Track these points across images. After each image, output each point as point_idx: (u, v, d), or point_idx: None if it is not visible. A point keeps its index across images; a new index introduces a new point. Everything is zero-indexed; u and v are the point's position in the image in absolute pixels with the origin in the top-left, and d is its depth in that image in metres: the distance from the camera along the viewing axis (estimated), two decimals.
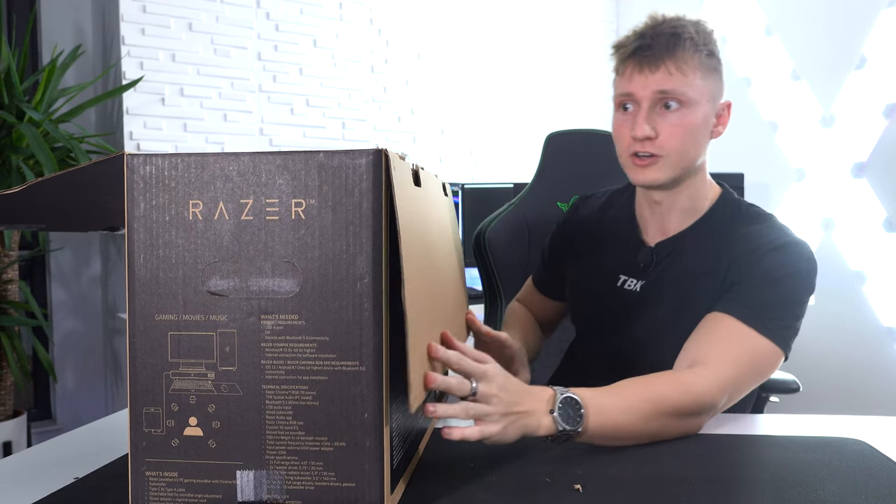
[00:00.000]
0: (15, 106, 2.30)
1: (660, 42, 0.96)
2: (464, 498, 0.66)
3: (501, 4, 3.59)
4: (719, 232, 1.04)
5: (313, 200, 0.58)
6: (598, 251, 1.16)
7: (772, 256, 0.96)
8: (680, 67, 0.95)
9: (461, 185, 2.89)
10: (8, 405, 2.37)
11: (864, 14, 2.88)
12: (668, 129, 0.96)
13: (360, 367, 0.59)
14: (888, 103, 2.79)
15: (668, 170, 0.99)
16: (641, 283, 1.07)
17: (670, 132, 0.96)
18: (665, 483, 0.70)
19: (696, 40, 0.96)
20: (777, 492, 0.68)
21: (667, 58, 0.95)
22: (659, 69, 0.96)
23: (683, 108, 0.96)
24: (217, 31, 2.82)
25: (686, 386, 0.86)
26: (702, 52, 0.97)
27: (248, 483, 0.60)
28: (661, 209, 1.07)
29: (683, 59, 0.95)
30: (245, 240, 0.59)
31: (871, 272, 2.87)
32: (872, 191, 2.86)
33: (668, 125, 0.97)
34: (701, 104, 0.97)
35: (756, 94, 3.34)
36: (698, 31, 0.97)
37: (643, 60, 0.97)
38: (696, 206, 1.06)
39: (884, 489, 0.68)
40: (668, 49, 0.95)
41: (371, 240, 0.58)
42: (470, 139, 3.50)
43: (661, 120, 0.97)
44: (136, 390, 0.61)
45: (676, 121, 0.96)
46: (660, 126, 0.97)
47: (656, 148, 0.97)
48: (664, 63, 0.95)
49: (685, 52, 0.95)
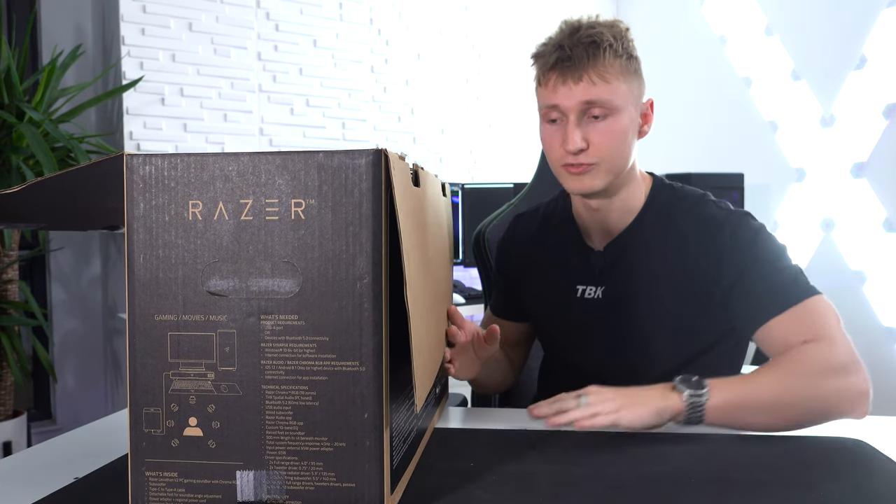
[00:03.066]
0: (15, 106, 2.30)
1: (579, 52, 0.96)
2: (464, 498, 0.66)
3: (501, 4, 3.59)
4: (662, 222, 1.05)
5: (313, 200, 0.58)
6: (548, 265, 1.15)
7: (739, 242, 1.00)
8: (602, 76, 0.96)
9: (461, 185, 2.89)
10: (8, 405, 2.37)
11: (864, 14, 2.88)
12: (599, 138, 0.98)
13: (360, 368, 0.58)
14: (888, 103, 2.79)
15: (602, 176, 1.00)
16: (601, 288, 1.08)
17: (601, 140, 0.98)
18: (665, 483, 0.70)
19: (615, 46, 0.97)
20: (777, 492, 0.68)
21: (589, 68, 0.96)
22: (582, 80, 0.96)
23: (611, 115, 0.97)
24: (217, 31, 2.82)
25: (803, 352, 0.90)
26: (622, 56, 0.98)
27: (248, 483, 0.60)
28: (601, 213, 1.07)
29: (605, 67, 0.96)
30: (245, 240, 0.59)
31: (871, 272, 2.87)
32: (872, 191, 2.86)
33: (597, 134, 0.98)
34: (626, 109, 0.99)
35: (756, 94, 3.34)
36: (615, 36, 0.98)
37: (565, 72, 0.97)
38: (633, 203, 1.07)
39: (884, 489, 0.68)
40: (588, 59, 0.96)
41: (371, 240, 0.58)
42: (470, 139, 3.50)
43: (591, 129, 0.98)
44: (136, 390, 0.61)
45: (605, 128, 0.98)
46: (590, 135, 0.98)
47: (589, 157, 0.98)
48: (586, 73, 0.96)
49: (606, 61, 0.96)
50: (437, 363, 0.77)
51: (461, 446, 0.82)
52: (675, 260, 1.02)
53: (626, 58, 0.99)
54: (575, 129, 0.97)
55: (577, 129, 0.97)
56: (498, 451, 0.79)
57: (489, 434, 0.87)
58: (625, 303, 1.05)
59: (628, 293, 1.05)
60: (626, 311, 1.05)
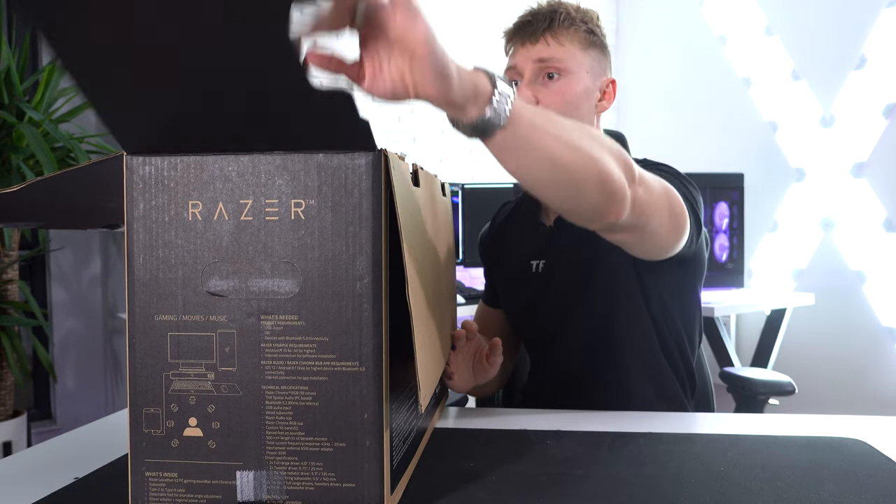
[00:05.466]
0: (15, 106, 2.30)
1: (538, 18, 1.03)
2: (464, 498, 0.66)
3: (501, 4, 3.59)
4: None
5: (313, 201, 0.58)
6: (513, 246, 1.19)
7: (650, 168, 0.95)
8: (557, 38, 1.02)
9: (461, 185, 2.89)
10: (8, 405, 2.37)
11: (864, 14, 2.88)
12: (549, 98, 1.01)
13: (360, 368, 0.59)
14: (888, 103, 2.79)
15: None
16: (544, 261, 1.12)
17: (550, 99, 1.01)
18: (665, 483, 0.70)
19: (574, 17, 1.03)
20: (777, 492, 0.68)
21: (545, 30, 1.02)
22: (538, 41, 1.02)
23: (563, 77, 1.01)
24: None
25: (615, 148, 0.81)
26: (580, 27, 1.03)
27: (248, 483, 0.60)
28: None
29: (561, 31, 1.02)
30: (244, 240, 0.59)
31: (871, 272, 2.87)
32: (872, 191, 2.86)
33: (548, 93, 1.01)
34: (580, 75, 1.02)
35: (756, 94, 3.34)
36: (577, 11, 1.04)
37: (524, 35, 1.03)
38: None
39: (884, 489, 0.68)
40: (545, 22, 1.02)
41: (371, 240, 0.58)
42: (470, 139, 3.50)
43: (543, 89, 1.02)
44: (136, 390, 0.61)
45: (556, 88, 1.01)
46: (540, 94, 1.01)
47: None
48: (543, 36, 1.02)
49: (562, 26, 1.02)
50: (441, 363, 0.77)
51: (461, 446, 0.82)
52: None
53: (586, 31, 1.03)
54: (526, 87, 1.02)
55: (527, 87, 1.02)
56: (498, 451, 0.79)
57: (489, 434, 0.87)
58: (557, 271, 1.09)
59: (561, 262, 1.09)
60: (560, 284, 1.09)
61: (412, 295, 0.59)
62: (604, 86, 1.07)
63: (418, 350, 0.59)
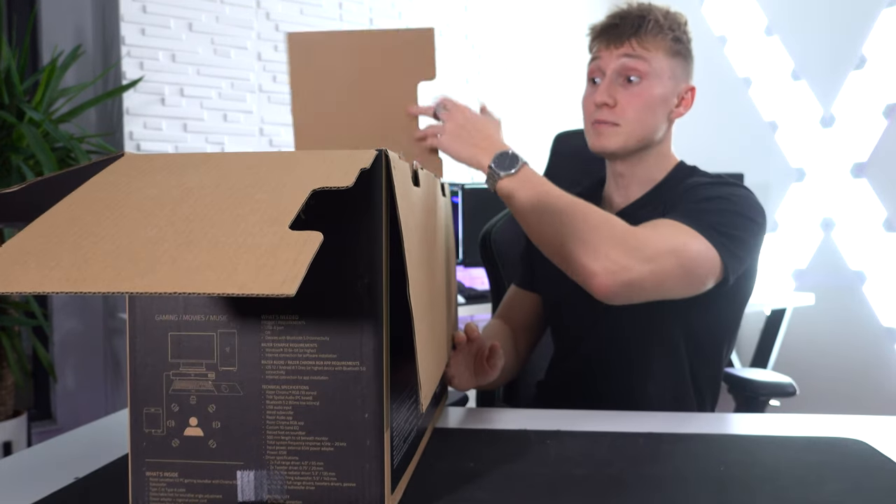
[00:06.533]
0: (15, 106, 2.30)
1: (627, 22, 1.04)
2: (464, 498, 0.66)
3: (501, 4, 3.59)
4: (671, 193, 1.07)
5: (313, 200, 0.58)
6: None
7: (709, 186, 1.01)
8: (643, 44, 1.02)
9: (461, 186, 2.89)
10: (8, 405, 2.37)
11: (864, 14, 2.88)
12: (627, 99, 1.03)
13: (361, 367, 0.59)
14: (888, 103, 2.79)
15: (622, 137, 1.04)
16: None
17: (628, 101, 1.03)
18: (665, 483, 0.70)
19: (662, 24, 1.03)
20: (777, 492, 0.68)
21: (632, 35, 1.03)
22: (623, 45, 1.03)
23: (644, 81, 1.03)
24: (217, 31, 2.82)
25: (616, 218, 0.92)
26: (667, 35, 1.03)
27: (249, 483, 0.60)
28: (624, 181, 1.11)
29: (647, 37, 1.03)
30: None
31: (871, 272, 2.87)
32: (872, 191, 2.86)
33: (627, 95, 1.03)
34: (661, 80, 1.03)
35: (756, 94, 3.34)
36: (666, 17, 1.04)
37: (610, 38, 1.05)
38: (654, 176, 1.10)
39: (884, 489, 0.68)
40: (633, 28, 1.03)
41: (371, 240, 0.58)
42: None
43: (623, 90, 1.03)
44: (136, 390, 0.61)
45: (635, 92, 1.03)
46: (619, 95, 1.03)
47: (614, 116, 1.03)
48: (629, 40, 1.03)
49: (649, 33, 1.03)
50: (441, 363, 0.77)
51: (461, 446, 0.82)
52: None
53: (673, 38, 1.04)
54: (607, 86, 1.04)
55: (608, 87, 1.04)
56: (498, 451, 0.79)
57: (489, 434, 0.87)
58: None
59: None
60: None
61: (413, 295, 0.59)
62: (683, 92, 1.07)
63: (419, 350, 0.59)
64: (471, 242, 2.81)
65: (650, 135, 1.05)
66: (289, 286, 0.39)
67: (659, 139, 1.07)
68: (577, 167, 1.48)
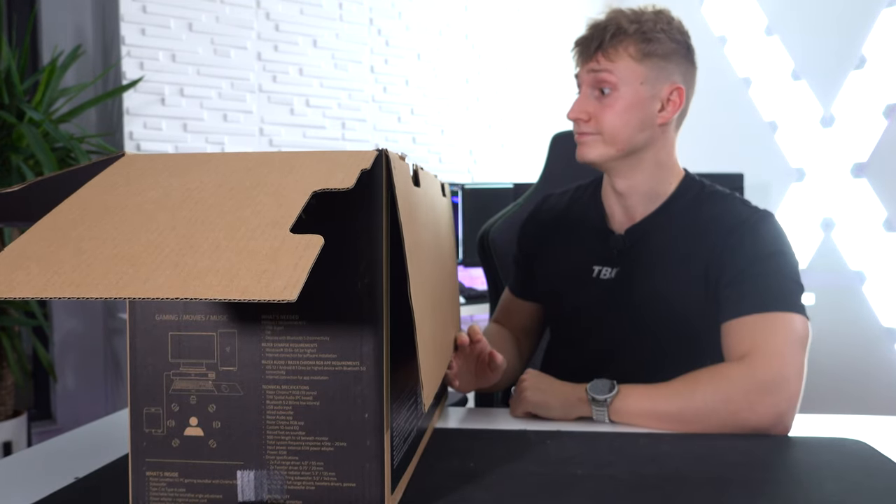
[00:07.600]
0: (15, 106, 2.30)
1: (594, 34, 1.05)
2: (464, 498, 0.66)
3: (501, 4, 3.59)
4: (687, 214, 1.07)
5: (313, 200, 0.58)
6: (567, 244, 1.17)
7: (751, 239, 1.01)
8: (607, 55, 1.04)
9: (461, 186, 2.89)
10: (8, 405, 2.37)
11: (864, 14, 2.88)
12: (600, 110, 1.04)
13: (361, 367, 0.59)
14: (888, 103, 2.79)
15: (601, 147, 1.05)
16: (616, 269, 1.09)
17: (601, 112, 1.04)
18: (665, 483, 0.70)
19: (626, 28, 1.03)
20: (777, 492, 0.68)
21: (597, 48, 1.04)
22: (591, 60, 1.05)
23: (615, 91, 1.04)
24: (217, 31, 2.82)
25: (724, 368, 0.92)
26: (634, 38, 1.03)
27: (249, 483, 0.60)
28: (625, 196, 1.10)
29: (611, 48, 1.03)
30: None
31: (871, 272, 2.87)
32: (872, 191, 2.86)
33: (599, 107, 1.04)
34: (631, 85, 1.03)
35: (756, 94, 3.34)
36: (632, 21, 1.04)
37: (580, 53, 1.07)
38: (659, 190, 1.09)
39: (884, 489, 0.68)
40: (597, 40, 1.04)
41: (371, 240, 0.58)
42: (470, 139, 3.50)
43: (596, 103, 1.05)
44: (137, 390, 0.61)
45: (608, 103, 1.04)
46: (593, 108, 1.05)
47: (591, 128, 1.05)
48: (595, 54, 1.04)
49: (611, 43, 1.04)
50: (443, 362, 0.77)
51: (461, 446, 0.82)
52: (693, 249, 1.03)
53: (641, 40, 1.03)
54: (580, 102, 1.06)
55: (582, 101, 1.06)
56: (498, 451, 0.79)
57: (489, 434, 0.87)
58: (635, 284, 1.06)
59: (640, 275, 1.06)
60: (636, 293, 1.06)
61: (414, 295, 0.59)
62: (666, 94, 1.05)
63: (420, 350, 0.59)
64: (471, 242, 2.81)
65: (630, 141, 1.04)
66: (290, 291, 0.39)
67: (644, 145, 1.05)
68: (573, 167, 1.48)
